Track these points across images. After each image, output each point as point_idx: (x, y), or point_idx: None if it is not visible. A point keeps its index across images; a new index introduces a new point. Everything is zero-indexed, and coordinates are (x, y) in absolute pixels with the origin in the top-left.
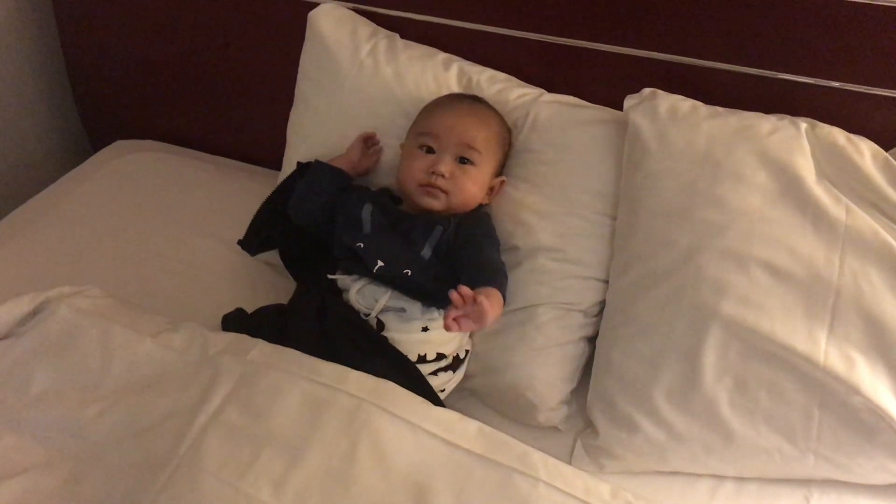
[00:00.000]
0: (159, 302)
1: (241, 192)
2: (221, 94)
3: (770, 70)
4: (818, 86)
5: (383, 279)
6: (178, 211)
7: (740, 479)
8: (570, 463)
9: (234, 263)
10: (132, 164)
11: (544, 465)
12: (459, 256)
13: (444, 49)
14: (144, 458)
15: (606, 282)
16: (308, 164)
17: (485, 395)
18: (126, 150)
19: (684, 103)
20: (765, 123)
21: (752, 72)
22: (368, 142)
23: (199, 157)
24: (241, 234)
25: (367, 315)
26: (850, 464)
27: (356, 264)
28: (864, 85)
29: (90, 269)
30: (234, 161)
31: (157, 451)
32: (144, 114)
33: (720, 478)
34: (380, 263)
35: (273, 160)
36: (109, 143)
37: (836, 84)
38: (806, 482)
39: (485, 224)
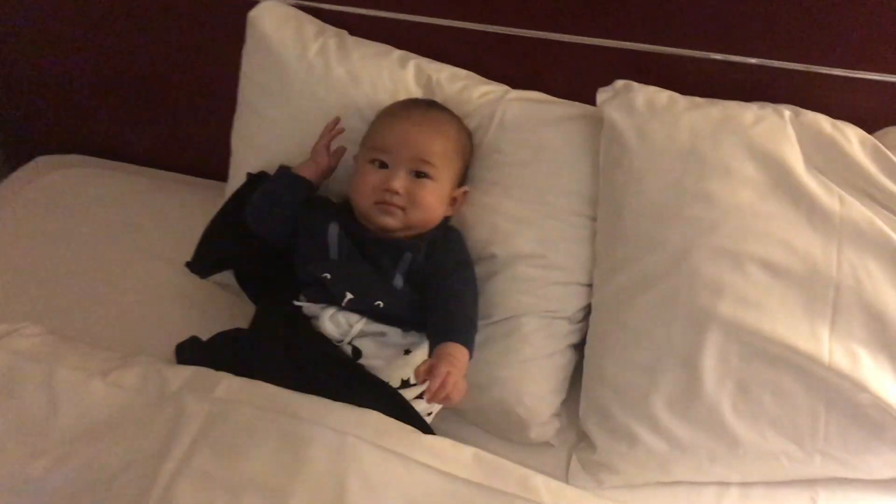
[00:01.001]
0: (103, 334)
1: (182, 207)
2: (152, 100)
3: (742, 56)
4: (794, 70)
5: (355, 309)
6: (115, 231)
7: (745, 484)
8: (566, 480)
9: (180, 286)
10: (57, 181)
11: (547, 488)
12: (430, 289)
13: (396, 45)
14: None
15: (590, 286)
16: (259, 174)
17: (469, 413)
18: (49, 166)
19: (661, 95)
20: (747, 113)
21: (723, 58)
22: (334, 134)
23: (131, 171)
24: (186, 252)
25: (340, 342)
26: (857, 461)
27: (323, 293)
28: (842, 68)
29: (21, 304)
30: (170, 173)
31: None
32: (66, 125)
33: (724, 484)
34: (349, 296)
35: (215, 170)
36: (29, 160)
37: (813, 68)
38: (811, 482)
39: (457, 249)
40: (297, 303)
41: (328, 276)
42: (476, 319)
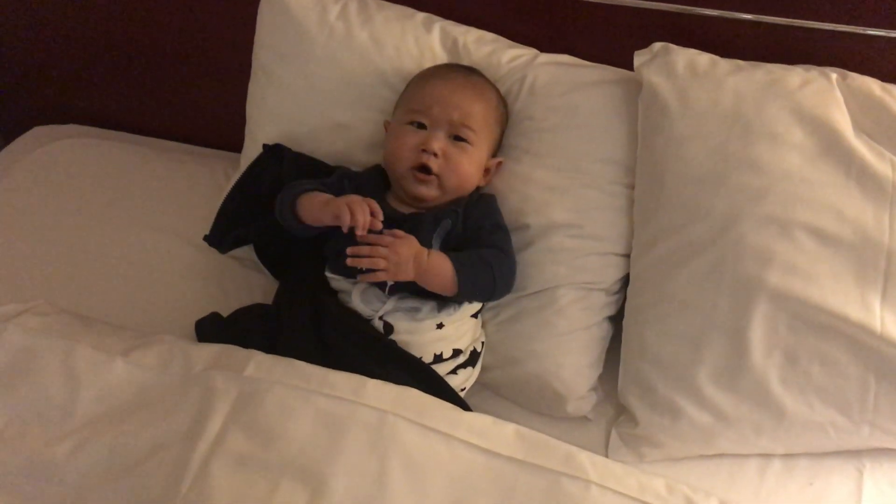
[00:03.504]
0: (115, 313)
1: (190, 178)
2: (155, 66)
3: (782, 17)
4: (838, 32)
5: (393, 287)
6: (121, 204)
7: (789, 456)
8: (606, 455)
9: (194, 260)
10: (56, 153)
11: (592, 464)
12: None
13: (418, 7)
14: (137, 498)
15: (627, 256)
16: (275, 146)
17: (503, 388)
18: (47, 137)
19: (702, 57)
20: (793, 76)
21: (762, 20)
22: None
23: (134, 141)
24: (197, 225)
25: (371, 318)
26: None
27: (355, 268)
28: (888, 28)
29: (29, 282)
30: (176, 143)
31: (151, 488)
32: (63, 94)
33: (767, 456)
34: (389, 282)
35: (223, 139)
36: (25, 131)
37: (857, 29)
38: (857, 453)
39: (493, 212)
40: (327, 274)
41: (362, 267)
42: (496, 269)
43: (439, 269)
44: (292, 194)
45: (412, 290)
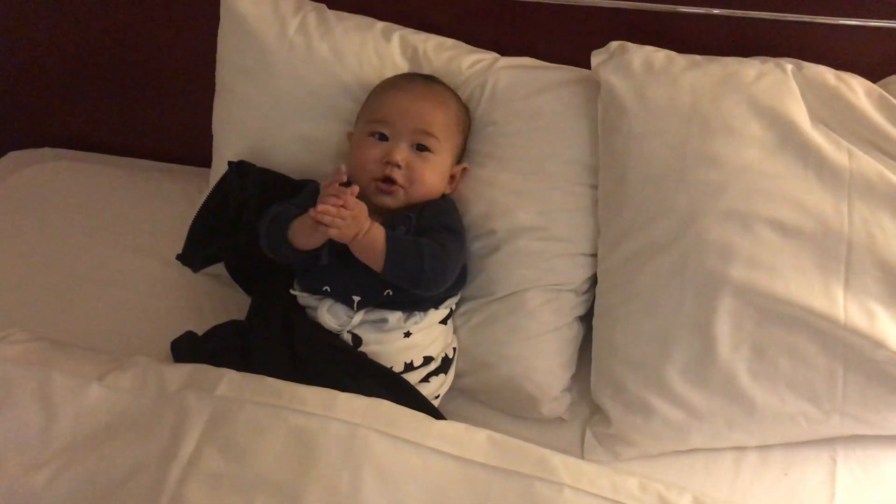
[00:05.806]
0: (93, 336)
1: (165, 197)
2: (125, 86)
3: (740, 10)
4: (794, 21)
5: (364, 304)
6: (97, 226)
7: (763, 448)
8: (581, 455)
9: (170, 279)
10: (32, 177)
11: (565, 467)
12: None
13: (378, 16)
14: None
15: (594, 256)
16: (239, 163)
17: (478, 392)
18: (22, 161)
19: (658, 54)
20: (748, 69)
21: (721, 13)
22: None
23: (109, 162)
24: (172, 244)
25: (339, 332)
26: (877, 419)
27: (319, 285)
28: (844, 17)
29: (4, 308)
30: (150, 162)
31: None
32: (36, 118)
33: (742, 449)
34: (357, 299)
35: (195, 156)
36: (0, 156)
37: (814, 18)
38: (830, 442)
39: (447, 213)
40: (293, 292)
41: (328, 288)
42: (426, 258)
43: (373, 239)
44: (280, 227)
45: (379, 303)
